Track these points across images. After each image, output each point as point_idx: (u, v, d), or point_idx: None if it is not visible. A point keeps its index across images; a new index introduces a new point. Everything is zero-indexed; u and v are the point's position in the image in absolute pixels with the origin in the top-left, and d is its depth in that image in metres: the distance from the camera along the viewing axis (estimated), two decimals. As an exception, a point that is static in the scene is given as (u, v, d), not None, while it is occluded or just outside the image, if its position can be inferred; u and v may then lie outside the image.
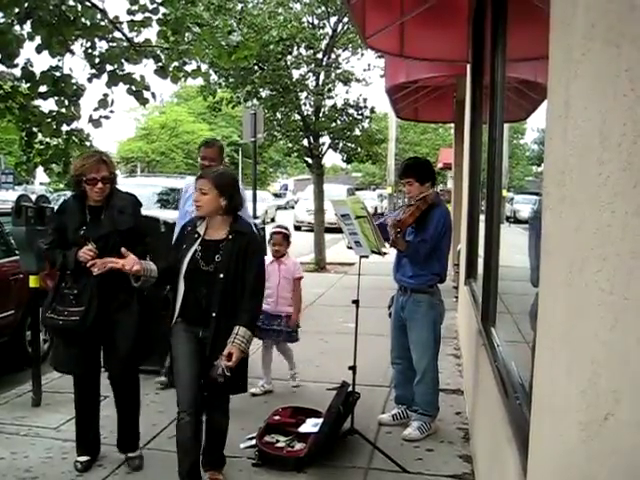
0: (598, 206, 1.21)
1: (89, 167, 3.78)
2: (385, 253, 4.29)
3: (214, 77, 11.90)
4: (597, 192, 1.22)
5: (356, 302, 4.37)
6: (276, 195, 48.20)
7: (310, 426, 4.32)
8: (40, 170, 6.61)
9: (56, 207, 4.35)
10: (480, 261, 5.19)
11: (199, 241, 3.52)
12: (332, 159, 63.37)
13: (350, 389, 4.30)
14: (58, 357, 4.07)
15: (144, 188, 12.45)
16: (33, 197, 5.30)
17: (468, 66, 6.66)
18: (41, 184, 33.41)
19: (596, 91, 1.26)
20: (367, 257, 4.37)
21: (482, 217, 5.31)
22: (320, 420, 4.22)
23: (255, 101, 12.55)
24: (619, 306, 1.09)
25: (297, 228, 24.49)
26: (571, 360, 1.40)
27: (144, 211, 7.14)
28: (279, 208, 42.86)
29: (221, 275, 3.43)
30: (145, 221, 4.35)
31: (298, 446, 4.16)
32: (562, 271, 1.50)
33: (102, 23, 5.50)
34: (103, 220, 3.86)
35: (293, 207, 29.78)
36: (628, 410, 1.04)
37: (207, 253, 3.49)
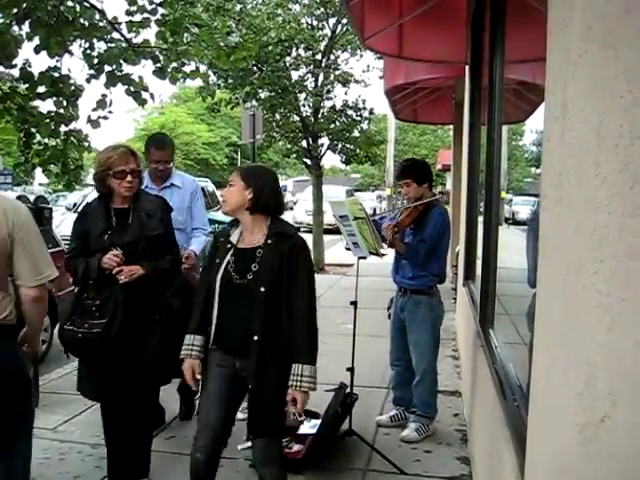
0: (595, 207, 1.21)
1: (117, 159, 3.34)
2: (383, 254, 4.28)
3: (213, 78, 11.91)
4: (594, 193, 1.22)
5: (354, 303, 4.36)
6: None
7: (308, 427, 4.32)
8: (39, 171, 6.59)
9: (80, 209, 4.07)
10: (479, 263, 5.19)
11: (232, 251, 2.97)
12: (331, 160, 63.33)
13: (348, 390, 4.30)
14: (82, 382, 3.58)
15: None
16: (32, 198, 5.29)
17: (467, 67, 6.66)
18: (40, 185, 33.42)
19: (593, 93, 1.26)
20: (365, 258, 4.36)
21: (481, 218, 5.31)
22: (318, 421, 4.21)
23: (254, 102, 12.55)
24: (616, 308, 1.09)
25: (296, 229, 24.39)
26: (568, 362, 1.40)
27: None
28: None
29: (262, 289, 2.81)
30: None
31: (296, 447, 4.16)
32: (559, 273, 1.50)
33: (100, 24, 5.50)
34: (131, 224, 3.43)
35: (292, 208, 29.76)
36: (624, 413, 1.04)
37: (242, 263, 2.91)
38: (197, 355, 2.98)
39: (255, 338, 2.78)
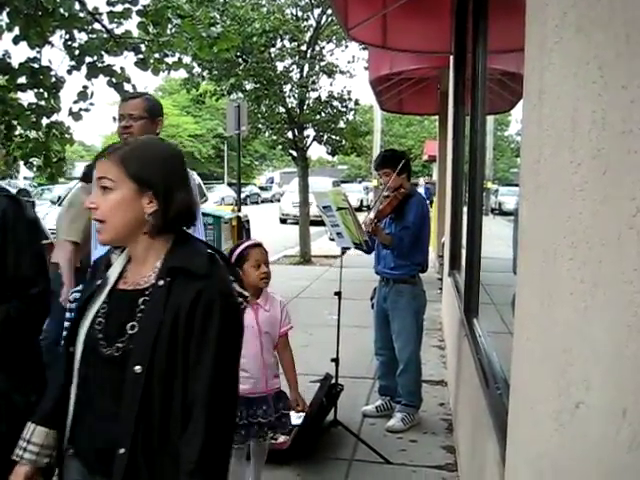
0: (570, 194, 1.21)
1: None
2: (367, 244, 4.28)
3: (197, 69, 11.84)
4: (569, 180, 1.22)
5: (338, 294, 4.36)
6: (262, 188, 48.12)
7: (294, 419, 4.31)
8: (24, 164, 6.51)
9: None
10: (464, 252, 5.21)
11: (106, 292, 1.77)
12: (318, 152, 63.36)
13: (333, 381, 4.30)
14: None
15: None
16: (14, 191, 5.24)
17: (451, 58, 6.66)
18: (25, 178, 33.12)
19: (568, 79, 1.26)
20: (349, 249, 4.37)
21: (466, 209, 5.33)
22: (303, 413, 4.21)
23: (239, 94, 12.49)
24: (589, 294, 1.09)
25: (283, 221, 24.52)
26: (545, 349, 1.40)
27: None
28: (264, 201, 42.88)
29: (137, 368, 1.62)
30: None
31: (282, 439, 4.15)
32: (537, 260, 1.50)
33: (81, 14, 5.44)
34: None
35: (279, 200, 29.74)
36: (597, 398, 1.04)
37: (116, 319, 1.72)
38: (32, 460, 1.77)
39: (121, 451, 1.61)
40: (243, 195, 34.72)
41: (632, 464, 0.90)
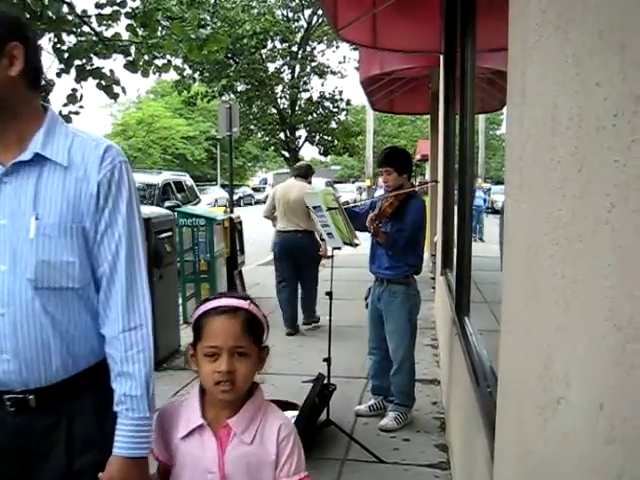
0: (550, 191, 1.22)
1: None
2: (357, 244, 4.29)
3: (189, 71, 11.84)
4: (550, 177, 1.23)
5: (329, 294, 4.37)
6: (255, 189, 48.11)
7: (287, 419, 4.32)
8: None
9: None
10: (455, 251, 5.22)
11: None
12: (311, 152, 63.25)
13: (326, 381, 4.31)
14: None
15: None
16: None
17: (441, 57, 6.68)
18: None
19: (547, 77, 1.27)
20: (340, 249, 4.38)
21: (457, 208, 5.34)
22: (296, 413, 4.22)
23: (231, 95, 12.50)
24: (569, 290, 1.10)
25: (276, 222, 24.46)
26: (529, 345, 1.41)
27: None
28: (258, 202, 42.87)
29: None
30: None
31: (274, 439, 4.15)
32: (521, 257, 1.51)
33: (69, 17, 5.42)
34: None
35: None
36: (576, 393, 1.05)
37: None
38: None
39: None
40: (236, 197, 34.74)
41: (609, 458, 0.91)
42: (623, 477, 0.87)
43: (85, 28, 5.60)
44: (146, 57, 5.79)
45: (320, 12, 11.74)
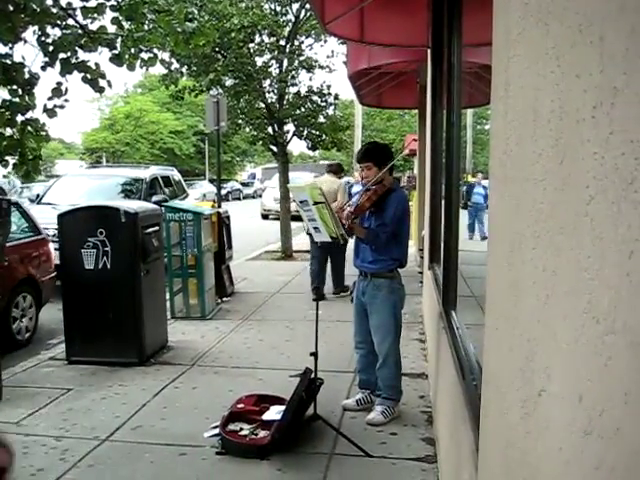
0: (532, 184, 1.22)
1: None
2: (345, 239, 4.28)
3: (176, 65, 11.76)
4: (532, 170, 1.23)
5: (317, 288, 4.36)
6: (244, 184, 47.99)
7: (274, 414, 4.33)
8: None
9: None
10: (442, 245, 5.23)
11: None
12: (299, 147, 63.24)
13: (313, 376, 4.31)
14: None
15: (107, 179, 12.37)
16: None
17: (429, 51, 6.67)
18: (4, 177, 32.74)
19: (530, 69, 1.27)
20: (326, 242, 4.37)
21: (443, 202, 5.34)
22: (283, 407, 4.22)
23: (219, 89, 12.43)
24: (550, 283, 1.10)
25: (264, 217, 24.51)
26: (512, 338, 1.42)
27: (106, 201, 7.08)
28: (246, 197, 42.77)
29: None
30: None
31: (262, 434, 4.16)
32: (504, 250, 1.51)
33: (53, 10, 5.36)
34: None
35: (261, 196, 29.68)
36: (557, 386, 1.05)
37: None
38: None
39: None
40: (225, 191, 34.68)
41: (587, 450, 0.91)
42: (601, 468, 0.87)
43: (70, 21, 5.54)
44: (132, 50, 5.75)
45: (308, 6, 11.68)
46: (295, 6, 12.50)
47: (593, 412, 0.89)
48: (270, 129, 12.86)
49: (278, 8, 12.70)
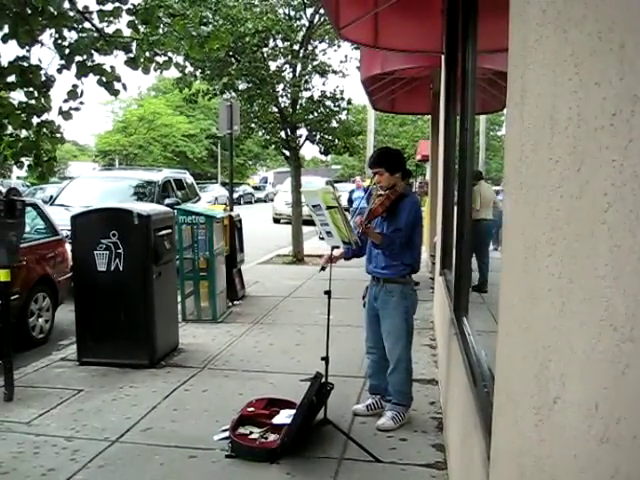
0: (549, 191, 1.22)
1: None
2: (357, 243, 4.28)
3: (190, 69, 11.81)
4: (548, 177, 1.23)
5: (328, 293, 4.36)
6: (256, 188, 48.13)
7: (284, 417, 4.32)
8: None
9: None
10: (454, 252, 5.21)
11: None
12: (312, 151, 63.33)
13: (323, 380, 4.30)
14: None
15: (120, 181, 12.44)
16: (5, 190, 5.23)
17: (443, 57, 6.67)
18: (18, 178, 33.05)
19: (547, 76, 1.26)
20: (338, 248, 4.37)
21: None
22: (294, 411, 4.22)
23: (232, 93, 12.48)
24: (566, 290, 1.10)
25: (276, 221, 24.56)
26: (526, 345, 1.41)
27: (119, 203, 7.12)
28: (258, 201, 42.88)
29: None
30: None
31: (272, 437, 4.16)
32: (519, 257, 1.51)
33: (70, 13, 5.40)
34: None
35: (272, 200, 29.74)
36: (572, 393, 1.05)
37: None
38: None
39: None
40: (237, 195, 34.78)
41: (602, 458, 0.91)
42: (617, 477, 0.87)
43: (86, 24, 5.58)
44: (147, 54, 5.77)
45: (322, 11, 11.70)
46: (309, 11, 12.53)
47: (610, 420, 0.89)
48: (283, 133, 12.87)
49: (292, 13, 12.73)
